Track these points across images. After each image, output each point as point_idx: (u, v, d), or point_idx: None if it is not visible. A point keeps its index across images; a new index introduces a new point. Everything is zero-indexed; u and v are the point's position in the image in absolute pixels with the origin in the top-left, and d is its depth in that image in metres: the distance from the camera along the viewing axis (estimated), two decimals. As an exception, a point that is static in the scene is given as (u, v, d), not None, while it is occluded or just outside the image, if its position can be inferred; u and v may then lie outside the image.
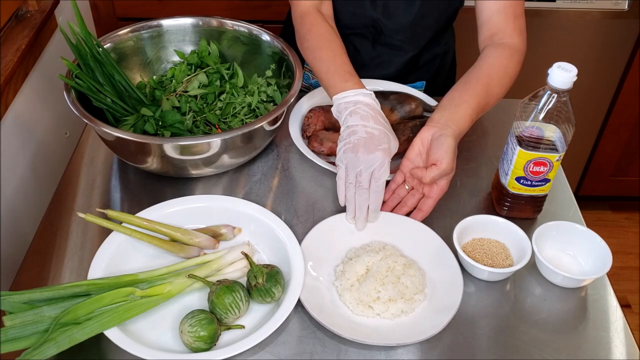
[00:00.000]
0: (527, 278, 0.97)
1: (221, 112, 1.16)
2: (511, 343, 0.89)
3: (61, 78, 1.05)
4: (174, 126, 1.10)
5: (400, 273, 0.93)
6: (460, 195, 1.11)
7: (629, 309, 2.04)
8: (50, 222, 1.04)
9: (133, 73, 1.25)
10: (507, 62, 1.11)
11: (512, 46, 1.13)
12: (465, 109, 1.03)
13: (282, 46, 1.19)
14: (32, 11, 1.42)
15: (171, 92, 1.18)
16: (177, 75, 1.21)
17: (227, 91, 1.18)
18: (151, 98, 1.19)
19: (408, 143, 1.12)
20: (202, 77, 1.20)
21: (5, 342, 0.80)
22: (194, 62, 1.24)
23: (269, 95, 1.19)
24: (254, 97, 1.17)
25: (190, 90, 1.17)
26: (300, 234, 0.99)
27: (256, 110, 1.17)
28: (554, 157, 0.98)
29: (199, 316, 0.84)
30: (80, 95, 1.08)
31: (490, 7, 1.14)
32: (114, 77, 1.12)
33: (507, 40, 1.13)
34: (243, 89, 1.20)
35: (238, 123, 1.15)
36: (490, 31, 1.15)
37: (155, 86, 1.21)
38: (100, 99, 1.10)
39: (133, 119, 1.10)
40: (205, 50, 1.25)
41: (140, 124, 1.10)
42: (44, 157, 1.45)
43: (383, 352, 0.86)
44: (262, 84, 1.19)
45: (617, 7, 1.81)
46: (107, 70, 1.11)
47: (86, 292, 0.86)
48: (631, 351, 0.88)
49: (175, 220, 0.99)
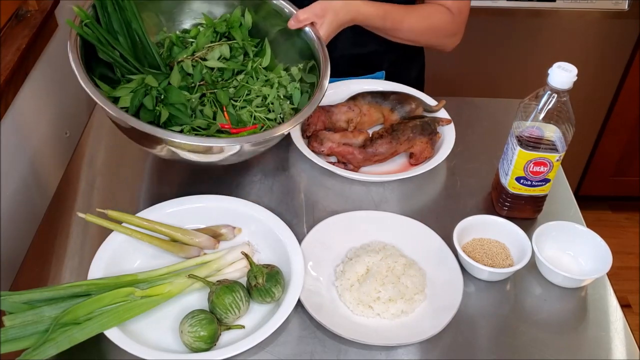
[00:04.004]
0: (527, 278, 0.97)
1: (234, 93, 1.06)
2: (511, 343, 0.89)
3: (68, 23, 0.96)
4: (174, 106, 0.99)
5: (401, 273, 0.93)
6: (460, 195, 1.11)
7: (629, 309, 2.04)
8: (50, 222, 1.04)
9: (155, 21, 1.12)
10: (433, 9, 1.18)
11: (444, 4, 1.19)
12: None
13: (318, 41, 1.08)
14: (32, 11, 1.42)
15: (189, 54, 1.07)
16: (200, 39, 1.10)
17: (247, 71, 1.08)
18: (167, 53, 1.09)
19: (408, 143, 1.12)
20: (224, 50, 1.09)
21: (5, 342, 0.80)
22: (221, 31, 1.12)
23: (287, 91, 1.09)
24: (272, 90, 1.07)
25: (209, 59, 1.07)
26: (300, 234, 0.99)
27: (270, 105, 1.07)
28: (554, 157, 0.98)
29: (199, 316, 0.84)
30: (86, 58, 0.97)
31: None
32: (130, 24, 1.01)
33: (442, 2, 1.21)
34: (265, 70, 1.11)
35: (247, 115, 1.05)
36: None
37: (176, 42, 1.10)
38: (108, 51, 1.00)
39: (135, 84, 0.99)
40: (237, 21, 1.12)
41: (140, 93, 0.98)
42: (44, 157, 1.45)
43: (383, 352, 0.86)
44: (284, 78, 1.09)
45: (617, 7, 1.81)
46: (125, 17, 1.01)
47: (86, 292, 0.86)
48: (631, 351, 0.88)
49: (175, 220, 0.99)
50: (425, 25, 1.19)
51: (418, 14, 1.18)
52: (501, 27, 1.85)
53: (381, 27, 1.15)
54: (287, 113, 1.06)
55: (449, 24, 1.21)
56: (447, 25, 1.21)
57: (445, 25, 1.21)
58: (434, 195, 1.12)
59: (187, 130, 0.98)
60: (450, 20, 1.20)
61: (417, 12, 1.18)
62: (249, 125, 1.03)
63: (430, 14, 1.19)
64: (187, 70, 1.05)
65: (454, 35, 1.23)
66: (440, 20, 1.20)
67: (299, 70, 1.10)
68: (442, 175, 1.15)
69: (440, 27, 1.21)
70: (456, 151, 1.15)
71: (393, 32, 1.18)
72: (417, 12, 1.18)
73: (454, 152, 1.14)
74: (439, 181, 1.14)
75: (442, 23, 1.20)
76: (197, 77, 1.05)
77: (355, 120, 1.17)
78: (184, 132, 0.97)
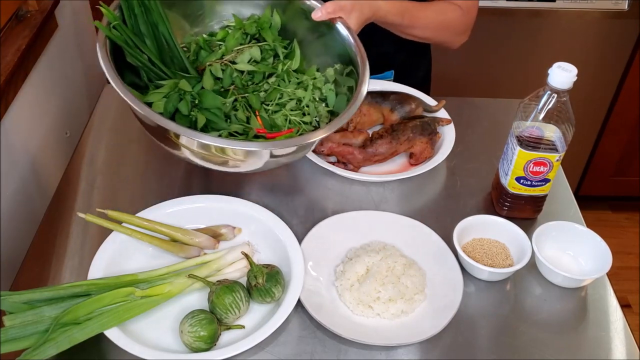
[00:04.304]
0: (527, 278, 0.97)
1: (265, 96, 1.02)
2: (511, 343, 0.89)
3: (97, 25, 0.92)
4: (210, 111, 0.95)
5: (401, 273, 0.93)
6: (460, 195, 1.11)
7: (629, 309, 2.04)
8: (50, 222, 1.04)
9: (181, 24, 1.09)
10: (445, 6, 1.18)
11: (455, 2, 1.19)
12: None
13: (353, 41, 1.03)
14: (32, 11, 1.42)
15: (218, 57, 1.03)
16: (229, 41, 1.05)
17: (278, 74, 1.04)
18: (194, 57, 1.05)
19: (408, 143, 1.12)
20: (255, 52, 1.04)
21: (5, 342, 0.80)
22: (251, 33, 1.07)
23: (322, 93, 1.04)
24: (307, 92, 1.02)
25: (239, 62, 1.03)
26: (300, 234, 0.99)
27: (305, 108, 1.02)
28: (554, 157, 0.98)
29: (199, 316, 0.84)
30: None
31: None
32: (157, 26, 0.97)
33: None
34: (296, 73, 1.06)
35: (281, 119, 1.00)
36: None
37: (203, 46, 1.06)
38: (136, 55, 0.96)
39: (167, 89, 0.95)
40: (267, 22, 1.08)
41: (174, 98, 0.94)
42: (44, 157, 1.45)
43: (383, 352, 0.86)
44: (319, 79, 1.05)
45: (617, 7, 1.81)
46: (151, 19, 0.97)
47: (86, 292, 0.86)
48: (631, 351, 0.88)
49: (175, 220, 0.99)
50: (439, 22, 1.19)
51: (433, 10, 1.17)
52: (501, 27, 1.85)
53: (398, 23, 1.13)
54: (323, 116, 1.02)
55: (459, 22, 1.21)
56: (458, 23, 1.21)
57: (457, 23, 1.21)
58: (434, 195, 1.12)
59: (225, 136, 0.94)
60: (461, 17, 1.20)
61: (432, 9, 1.17)
62: (284, 129, 0.99)
63: (444, 10, 1.18)
64: (217, 74, 1.01)
65: (463, 33, 1.23)
66: (453, 17, 1.19)
67: (334, 72, 1.06)
68: (442, 175, 1.15)
69: (452, 24, 1.20)
70: (456, 151, 1.15)
71: (408, 29, 1.17)
72: (431, 8, 1.17)
73: (454, 152, 1.15)
74: (439, 181, 1.14)
75: (454, 20, 1.20)
76: (227, 81, 1.01)
77: (355, 120, 1.17)
78: (221, 136, 0.93)
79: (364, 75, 0.98)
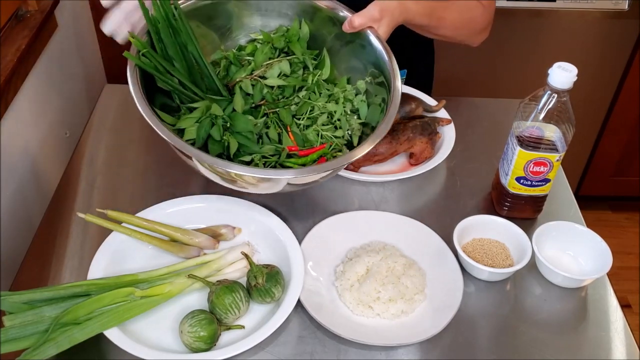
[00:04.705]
0: (527, 278, 0.97)
1: (296, 110, 1.00)
2: (511, 343, 0.89)
3: (127, 56, 0.91)
4: (241, 134, 0.93)
5: (401, 273, 0.93)
6: (460, 195, 1.11)
7: (629, 309, 2.04)
8: (50, 222, 1.04)
9: (209, 39, 1.07)
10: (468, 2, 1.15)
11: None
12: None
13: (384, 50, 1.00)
14: (32, 11, 1.42)
15: (248, 73, 1.02)
16: (258, 56, 1.03)
17: (308, 87, 1.02)
18: (224, 73, 1.03)
19: (408, 143, 1.12)
20: (284, 66, 1.02)
21: (5, 342, 0.80)
22: (280, 47, 1.05)
23: (354, 105, 1.02)
24: (339, 106, 1.00)
25: (269, 77, 1.01)
26: (300, 234, 0.99)
27: (337, 122, 1.00)
28: (554, 157, 0.98)
29: (199, 316, 0.84)
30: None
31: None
32: (186, 47, 0.96)
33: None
34: (326, 83, 1.05)
35: (313, 134, 0.98)
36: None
37: (233, 61, 1.04)
38: (167, 80, 0.95)
39: (199, 113, 0.94)
40: (296, 34, 1.05)
41: (206, 124, 0.93)
42: (44, 157, 1.45)
43: (383, 352, 0.86)
44: (349, 91, 1.03)
45: (617, 7, 1.81)
46: (180, 40, 0.96)
47: (86, 292, 0.86)
48: (631, 351, 0.88)
49: (175, 220, 0.99)
50: (464, 20, 1.15)
51: (457, 8, 1.13)
52: (501, 27, 1.85)
53: (426, 24, 1.10)
54: (355, 128, 1.00)
55: (482, 19, 1.18)
56: (480, 20, 1.18)
57: (479, 20, 1.18)
58: (434, 195, 1.12)
59: (258, 159, 0.93)
60: (483, 14, 1.17)
61: (456, 7, 1.13)
62: (316, 144, 0.97)
63: (468, 7, 1.15)
64: (247, 90, 1.00)
65: (484, 30, 1.21)
66: (476, 14, 1.16)
67: (365, 84, 1.03)
68: (442, 175, 1.15)
69: (475, 22, 1.17)
70: (456, 151, 1.15)
71: (435, 29, 1.13)
72: (456, 6, 1.13)
73: (454, 152, 1.14)
74: (439, 181, 1.14)
75: (477, 17, 1.17)
76: (257, 96, 1.00)
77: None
78: (254, 161, 0.93)
79: (396, 86, 0.97)
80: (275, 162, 0.94)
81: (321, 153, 0.95)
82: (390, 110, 0.94)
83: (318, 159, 0.95)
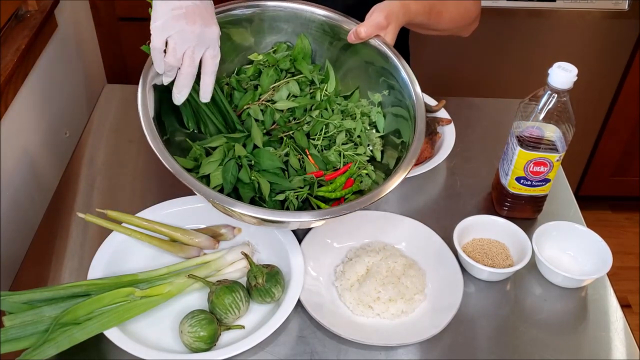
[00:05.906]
0: (527, 278, 0.97)
1: (309, 129, 0.97)
2: (511, 343, 0.89)
3: (141, 105, 0.86)
4: (270, 172, 0.90)
5: (401, 273, 0.93)
6: (460, 195, 1.11)
7: (629, 309, 2.04)
8: (50, 222, 1.04)
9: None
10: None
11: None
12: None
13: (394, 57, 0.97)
14: (32, 11, 1.42)
15: (254, 99, 0.98)
16: (264, 80, 1.00)
17: (318, 105, 0.98)
18: (228, 99, 0.99)
19: (408, 143, 1.12)
20: (293, 87, 0.99)
21: (5, 342, 0.80)
22: (285, 68, 1.02)
23: (371, 118, 0.99)
24: (357, 123, 0.96)
25: (278, 100, 0.98)
26: (300, 234, 0.99)
27: (357, 139, 0.97)
28: (554, 157, 0.98)
29: (199, 316, 0.84)
30: None
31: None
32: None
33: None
34: (336, 97, 1.01)
35: (334, 155, 0.95)
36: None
37: (236, 87, 1.00)
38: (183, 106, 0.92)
39: (220, 154, 0.90)
40: (301, 52, 1.02)
41: (232, 167, 0.88)
42: (44, 157, 1.45)
43: (383, 352, 0.86)
44: (366, 106, 0.99)
45: (617, 7, 1.81)
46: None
47: (86, 292, 0.86)
48: (631, 351, 0.88)
49: (175, 220, 0.99)
50: (461, 12, 1.12)
51: (453, 2, 1.09)
52: (501, 27, 1.85)
53: (425, 22, 1.07)
54: (376, 143, 0.98)
55: (473, 9, 1.15)
56: (472, 10, 1.15)
57: (471, 10, 1.15)
58: (434, 195, 1.12)
59: (292, 197, 0.89)
60: (474, 3, 1.15)
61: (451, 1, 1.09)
62: (338, 165, 0.95)
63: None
64: (256, 117, 0.96)
65: (476, 20, 1.18)
66: (468, 5, 1.13)
67: (382, 97, 0.99)
68: (442, 175, 1.15)
69: (468, 13, 1.14)
70: (456, 151, 1.15)
71: (434, 26, 1.09)
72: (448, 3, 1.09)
73: (454, 152, 1.14)
74: (439, 181, 1.14)
75: (469, 8, 1.13)
76: (269, 122, 0.97)
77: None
78: (288, 198, 0.89)
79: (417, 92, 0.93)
80: (306, 193, 0.90)
81: (348, 174, 0.92)
82: (418, 124, 0.90)
83: (346, 181, 0.92)
